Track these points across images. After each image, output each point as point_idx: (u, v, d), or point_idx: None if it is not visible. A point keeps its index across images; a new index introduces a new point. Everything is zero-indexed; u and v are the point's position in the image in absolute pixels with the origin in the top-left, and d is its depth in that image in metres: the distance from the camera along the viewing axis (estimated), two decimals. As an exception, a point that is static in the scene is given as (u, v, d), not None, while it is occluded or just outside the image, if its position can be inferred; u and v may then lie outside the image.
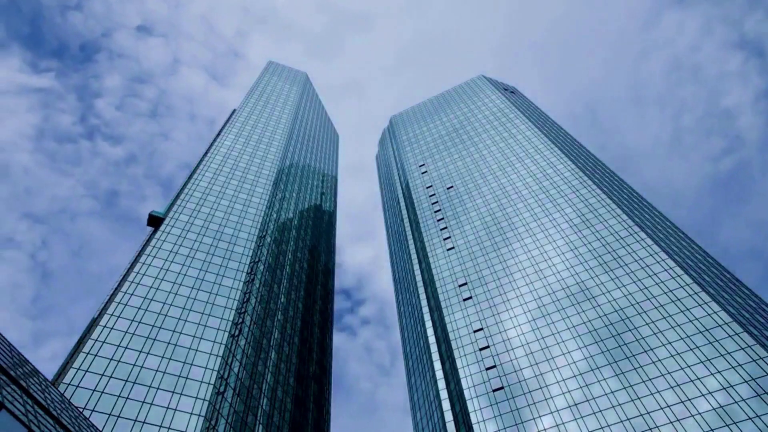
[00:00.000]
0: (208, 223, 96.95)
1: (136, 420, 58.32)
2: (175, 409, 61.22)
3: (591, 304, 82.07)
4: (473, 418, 73.99)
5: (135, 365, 64.64)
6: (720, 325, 69.12)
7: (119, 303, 72.62)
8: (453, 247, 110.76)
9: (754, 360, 63.37)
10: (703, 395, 62.49)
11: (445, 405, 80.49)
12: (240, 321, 79.62)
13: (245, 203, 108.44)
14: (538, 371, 76.24)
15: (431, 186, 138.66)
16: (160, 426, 58.79)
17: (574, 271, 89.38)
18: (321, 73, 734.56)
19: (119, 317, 70.37)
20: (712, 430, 58.82)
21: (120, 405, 59.02)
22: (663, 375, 67.06)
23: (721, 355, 65.64)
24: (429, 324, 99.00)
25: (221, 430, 63.31)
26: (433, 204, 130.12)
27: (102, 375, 61.52)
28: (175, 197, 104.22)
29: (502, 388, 76.34)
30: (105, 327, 68.04)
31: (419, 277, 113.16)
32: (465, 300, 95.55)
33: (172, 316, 74.25)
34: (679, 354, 68.40)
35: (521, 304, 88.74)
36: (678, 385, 65.01)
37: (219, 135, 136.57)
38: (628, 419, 64.52)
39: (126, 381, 62.11)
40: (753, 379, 61.47)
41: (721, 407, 60.38)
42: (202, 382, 66.02)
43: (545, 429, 68.59)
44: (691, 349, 68.19)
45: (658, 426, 62.04)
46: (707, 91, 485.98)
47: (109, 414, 57.50)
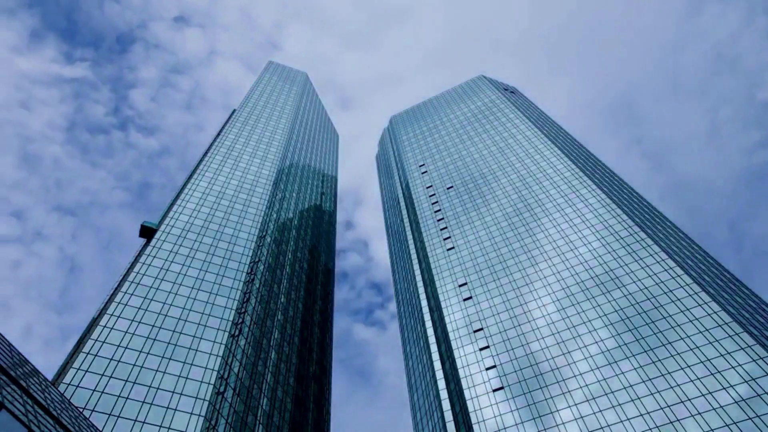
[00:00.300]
0: (208, 223, 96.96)
1: (136, 420, 58.33)
2: (175, 409, 61.23)
3: (591, 304, 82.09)
4: (473, 418, 74.00)
5: (135, 365, 64.65)
6: (720, 325, 69.13)
7: (119, 303, 72.64)
8: (453, 247, 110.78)
9: (754, 360, 63.39)
10: (703, 395, 62.51)
11: (445, 405, 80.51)
12: (240, 321, 79.63)
13: (245, 203, 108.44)
14: (538, 371, 76.27)
15: (431, 186, 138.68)
16: (160, 426, 58.80)
17: (574, 271, 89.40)
18: (357, 67, 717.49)
19: (119, 317, 70.38)
20: (712, 430, 58.85)
21: (120, 405, 59.02)
22: (663, 375, 67.09)
23: (721, 355, 65.66)
24: (429, 324, 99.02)
25: (221, 430, 63.32)
26: (433, 204, 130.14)
27: (102, 375, 61.52)
28: (175, 197, 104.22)
29: (502, 388, 76.36)
30: (105, 327, 68.05)
31: (419, 277, 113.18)
32: (465, 300, 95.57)
33: (172, 316, 74.26)
34: (679, 354, 68.43)
35: (521, 304, 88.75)
36: (678, 385, 65.02)
37: (219, 135, 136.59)
38: (624, 420, 64.55)
39: (126, 381, 62.11)
40: (753, 379, 61.49)
41: (721, 407, 60.40)
42: (202, 382, 66.03)
43: (544, 429, 68.62)
44: (691, 350, 68.20)
45: (657, 426, 62.07)
46: (746, 83, 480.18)
47: (109, 414, 57.51)
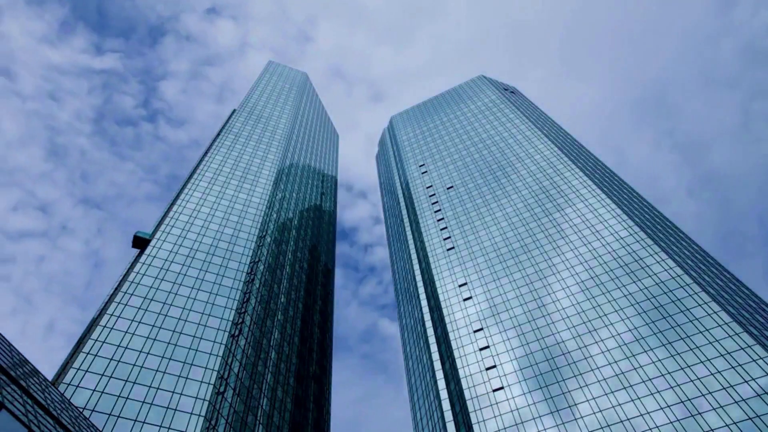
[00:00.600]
0: (208, 224, 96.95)
1: (136, 420, 58.33)
2: (175, 409, 61.23)
3: (591, 304, 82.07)
4: (473, 418, 74.00)
5: (135, 365, 64.64)
6: (720, 325, 69.13)
7: (119, 303, 72.64)
8: (453, 247, 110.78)
9: (754, 360, 63.38)
10: (703, 395, 62.51)
11: (445, 405, 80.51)
12: (240, 321, 79.63)
13: (245, 203, 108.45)
14: (538, 371, 76.25)
15: (431, 186, 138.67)
16: (160, 426, 58.80)
17: (574, 271, 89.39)
18: (388, 61, 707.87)
19: (119, 317, 70.39)
20: (712, 430, 58.85)
21: (120, 405, 59.02)
22: (663, 375, 67.08)
23: (721, 356, 65.65)
24: (429, 324, 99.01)
25: (221, 430, 63.32)
26: (433, 204, 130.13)
27: (102, 375, 61.52)
28: (175, 197, 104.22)
29: (502, 388, 76.36)
30: (105, 327, 68.05)
31: (419, 277, 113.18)
32: (465, 300, 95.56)
33: (172, 316, 74.27)
34: (679, 354, 68.42)
35: (521, 303, 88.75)
36: (678, 385, 65.02)
37: (219, 135, 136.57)
38: (623, 421, 64.54)
39: (126, 381, 62.11)
40: (753, 379, 61.48)
41: (721, 407, 60.40)
42: (202, 382, 66.03)
43: (545, 429, 68.60)
44: (691, 350, 68.20)
45: (658, 426, 62.07)
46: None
47: (109, 414, 57.50)
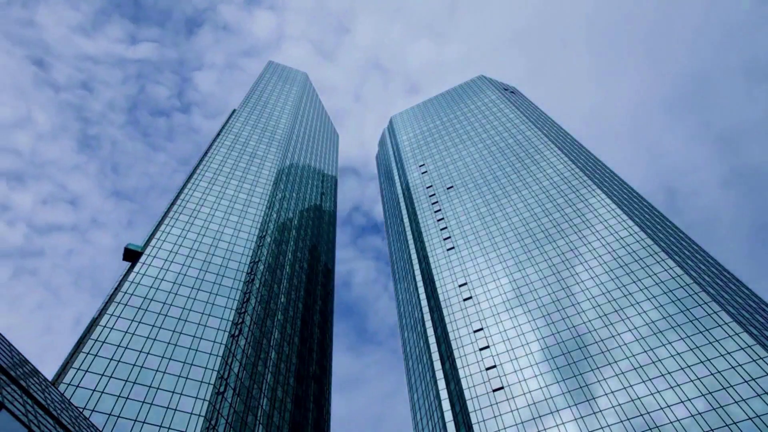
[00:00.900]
0: (208, 223, 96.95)
1: (136, 420, 58.33)
2: (175, 409, 61.23)
3: (591, 304, 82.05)
4: (473, 418, 73.99)
5: (135, 365, 64.64)
6: (720, 325, 69.13)
7: (119, 303, 72.64)
8: (453, 247, 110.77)
9: (754, 360, 63.38)
10: (703, 395, 62.50)
11: (445, 405, 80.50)
12: (240, 321, 79.62)
13: (245, 203, 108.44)
14: (538, 371, 76.25)
15: (431, 186, 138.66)
16: (160, 426, 58.80)
17: (574, 272, 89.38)
18: (425, 54, 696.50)
19: (119, 317, 70.38)
20: (712, 429, 58.83)
21: (120, 405, 59.02)
22: (663, 375, 67.08)
23: (721, 355, 65.65)
24: (429, 324, 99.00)
25: (221, 430, 63.32)
26: (433, 204, 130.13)
27: (102, 375, 61.52)
28: (175, 197, 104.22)
29: (502, 388, 76.35)
30: (105, 327, 68.05)
31: (419, 277, 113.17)
32: (465, 300, 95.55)
33: (172, 316, 74.27)
34: (679, 354, 68.43)
35: (521, 304, 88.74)
36: (678, 385, 65.03)
37: (219, 135, 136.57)
38: (628, 419, 64.54)
39: (126, 381, 62.11)
40: (753, 379, 61.48)
41: (721, 407, 60.39)
42: (202, 382, 66.02)
43: (545, 429, 68.63)
44: (691, 349, 68.21)
45: (658, 426, 62.06)
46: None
47: (109, 414, 57.50)
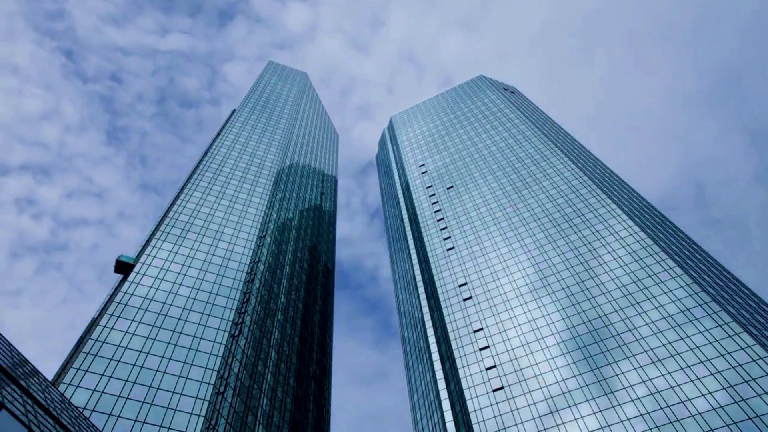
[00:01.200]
0: (208, 223, 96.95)
1: (136, 420, 58.33)
2: (175, 409, 61.23)
3: (591, 304, 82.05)
4: (473, 418, 74.00)
5: (135, 365, 64.64)
6: (720, 325, 69.12)
7: (119, 303, 72.64)
8: (453, 247, 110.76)
9: (754, 360, 63.37)
10: (703, 395, 62.50)
11: (445, 405, 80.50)
12: (240, 321, 79.62)
13: (245, 203, 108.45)
14: (538, 371, 76.25)
15: (431, 186, 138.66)
16: (160, 426, 58.80)
17: (574, 271, 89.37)
18: (458, 47, 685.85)
19: (119, 317, 70.39)
20: (712, 429, 58.82)
21: (120, 405, 59.02)
22: (663, 375, 67.08)
23: (721, 355, 65.64)
24: (429, 324, 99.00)
25: (221, 430, 63.31)
26: (433, 204, 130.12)
27: (102, 375, 61.52)
28: (175, 198, 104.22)
29: (502, 388, 76.35)
30: (105, 327, 68.05)
31: (419, 277, 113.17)
32: (465, 300, 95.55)
33: (172, 316, 74.27)
34: (679, 354, 68.42)
35: (521, 304, 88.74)
36: (678, 385, 65.02)
37: (219, 135, 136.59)
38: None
39: (126, 381, 62.11)
40: (753, 379, 61.47)
41: (721, 407, 60.38)
42: (202, 382, 66.03)
43: (546, 429, 68.61)
44: (691, 349, 68.19)
45: (658, 426, 62.05)
46: None
47: (109, 414, 57.51)
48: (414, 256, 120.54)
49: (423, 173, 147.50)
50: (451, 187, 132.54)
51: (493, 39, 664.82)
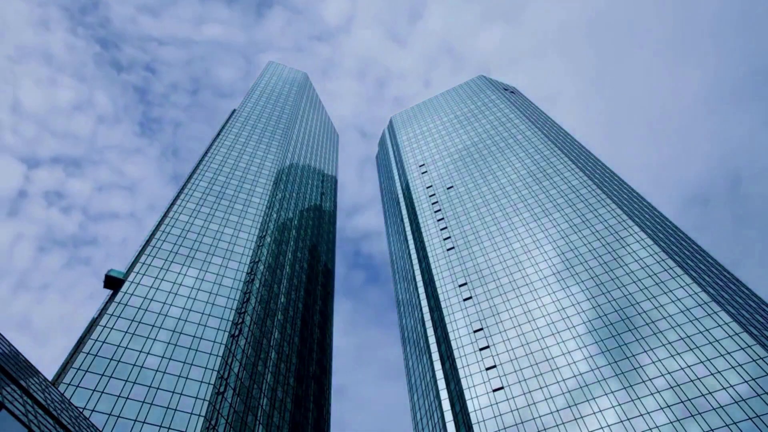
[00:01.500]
0: (208, 223, 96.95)
1: (136, 420, 58.33)
2: (175, 409, 61.23)
3: (591, 304, 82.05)
4: (473, 418, 73.99)
5: (135, 365, 64.64)
6: (720, 325, 69.11)
7: (119, 303, 72.64)
8: (453, 247, 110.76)
9: (754, 360, 63.37)
10: (703, 395, 62.50)
11: (445, 405, 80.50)
12: (240, 321, 79.62)
13: (245, 203, 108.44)
14: (538, 371, 76.23)
15: (431, 186, 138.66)
16: (160, 426, 58.80)
17: (574, 271, 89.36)
18: (496, 40, 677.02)
19: (119, 317, 70.39)
20: (712, 430, 58.83)
21: (120, 405, 59.02)
22: (663, 375, 67.07)
23: (721, 355, 65.64)
24: (429, 324, 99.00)
25: (221, 430, 63.31)
26: (433, 204, 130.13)
27: (102, 375, 61.52)
28: (175, 197, 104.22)
29: (502, 388, 76.34)
30: (105, 327, 68.06)
31: (419, 277, 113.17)
32: (465, 300, 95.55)
33: (172, 316, 74.27)
34: (679, 354, 68.42)
35: (521, 303, 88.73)
36: (678, 385, 65.02)
37: (219, 135, 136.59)
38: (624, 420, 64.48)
39: (126, 381, 62.11)
40: (753, 379, 61.47)
41: (721, 407, 60.39)
42: (202, 382, 66.03)
43: (546, 428, 68.59)
44: (691, 349, 68.19)
45: (658, 426, 62.05)
46: None
47: (109, 414, 57.51)
48: (414, 255, 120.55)
49: (423, 173, 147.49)
50: (451, 187, 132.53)
51: (533, 31, 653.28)
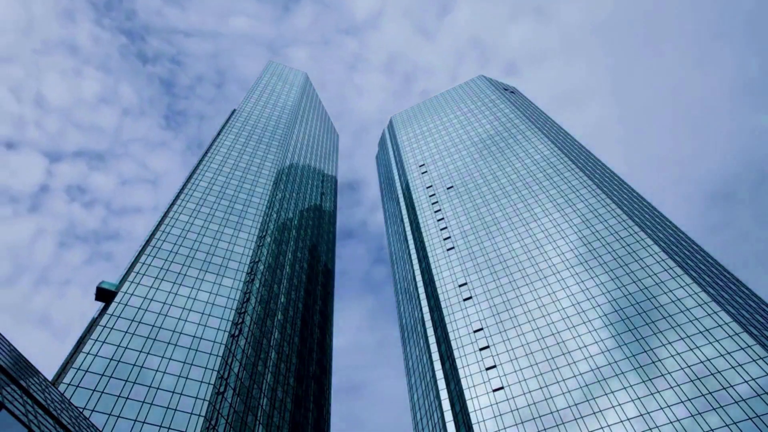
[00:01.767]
0: (208, 223, 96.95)
1: (136, 420, 58.33)
2: (175, 409, 61.23)
3: (591, 304, 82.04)
4: (473, 418, 73.99)
5: (135, 365, 64.64)
6: (720, 325, 69.11)
7: (119, 303, 72.63)
8: (453, 247, 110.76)
9: (754, 360, 63.37)
10: (703, 395, 62.50)
11: (445, 405, 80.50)
12: (240, 321, 79.62)
13: (245, 203, 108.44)
14: (538, 371, 76.23)
15: (431, 186, 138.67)
16: (160, 426, 58.79)
17: (574, 271, 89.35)
18: (526, 37, 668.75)
19: (119, 317, 70.38)
20: (712, 430, 58.83)
21: (120, 405, 59.02)
22: (663, 375, 67.07)
23: (721, 355, 65.63)
24: (429, 324, 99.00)
25: (221, 430, 63.31)
26: (433, 204, 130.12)
27: (102, 375, 61.52)
28: (175, 198, 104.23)
29: (502, 388, 76.34)
30: (105, 327, 68.06)
31: (419, 277, 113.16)
32: (465, 300, 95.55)
33: (172, 316, 74.26)
34: (679, 354, 68.41)
35: (521, 303, 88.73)
36: (678, 385, 65.02)
37: (219, 135, 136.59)
38: (629, 419, 64.51)
39: (126, 381, 62.11)
40: (753, 379, 61.47)
41: (721, 407, 60.39)
42: (202, 382, 66.02)
43: (546, 428, 68.60)
44: (691, 350, 68.18)
45: (658, 426, 62.06)
46: None
47: (109, 414, 57.50)
48: (414, 255, 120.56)
49: (423, 173, 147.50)
50: (451, 187, 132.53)
51: (562, 27, 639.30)
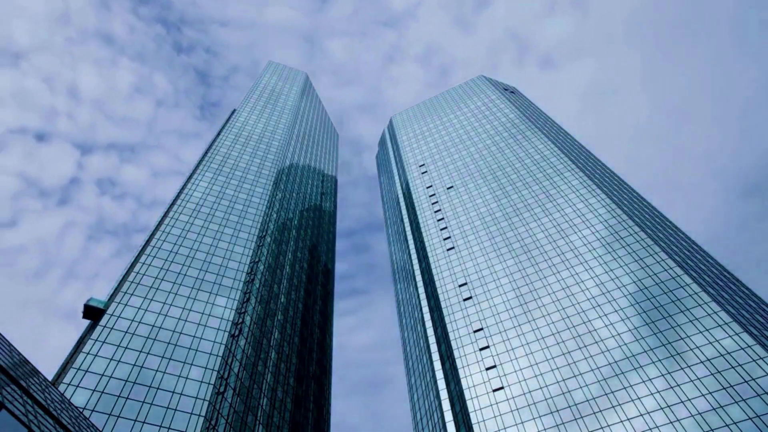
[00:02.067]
0: (208, 223, 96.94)
1: (136, 420, 58.33)
2: (175, 409, 61.22)
3: (591, 304, 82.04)
4: (473, 418, 73.99)
5: (135, 365, 64.64)
6: (720, 325, 69.11)
7: (119, 303, 72.63)
8: (453, 247, 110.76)
9: (754, 360, 63.37)
10: (703, 395, 62.50)
11: (445, 405, 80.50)
12: (240, 321, 79.62)
13: (245, 203, 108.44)
14: (538, 371, 76.23)
15: (431, 186, 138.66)
16: (160, 426, 58.79)
17: (574, 271, 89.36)
18: (564, 31, 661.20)
19: (119, 317, 70.37)
20: (712, 430, 58.83)
21: (120, 405, 59.02)
22: (663, 375, 67.09)
23: (721, 355, 65.64)
24: (429, 324, 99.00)
25: (221, 430, 63.31)
26: (433, 204, 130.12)
27: (102, 375, 61.52)
28: (175, 198, 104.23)
29: (502, 388, 76.34)
30: (105, 327, 68.04)
31: (419, 277, 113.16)
32: (465, 300, 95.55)
33: (172, 316, 74.27)
34: (679, 354, 68.42)
35: (521, 303, 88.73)
36: (678, 385, 65.03)
37: (219, 135, 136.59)
38: (621, 421, 64.51)
39: (126, 381, 62.10)
40: (753, 379, 61.47)
41: (721, 407, 60.39)
42: (202, 382, 66.02)
43: (545, 428, 68.60)
44: (691, 350, 68.19)
45: (658, 426, 62.06)
46: None
47: (109, 414, 57.50)
48: (414, 255, 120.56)
49: (423, 173, 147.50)
50: (451, 187, 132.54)
51: (600, 21, 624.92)
